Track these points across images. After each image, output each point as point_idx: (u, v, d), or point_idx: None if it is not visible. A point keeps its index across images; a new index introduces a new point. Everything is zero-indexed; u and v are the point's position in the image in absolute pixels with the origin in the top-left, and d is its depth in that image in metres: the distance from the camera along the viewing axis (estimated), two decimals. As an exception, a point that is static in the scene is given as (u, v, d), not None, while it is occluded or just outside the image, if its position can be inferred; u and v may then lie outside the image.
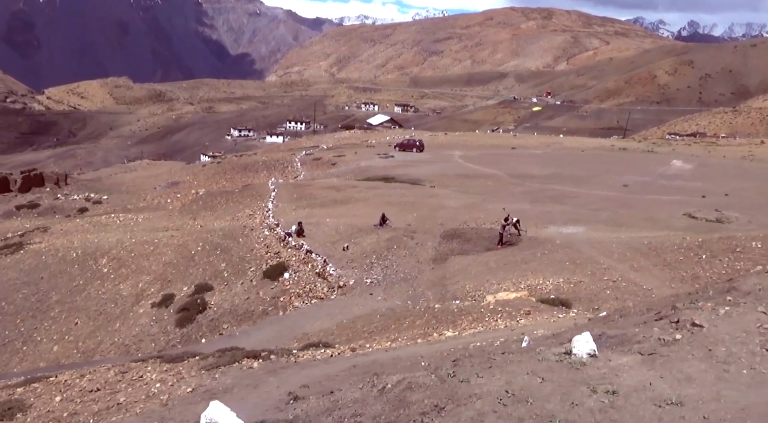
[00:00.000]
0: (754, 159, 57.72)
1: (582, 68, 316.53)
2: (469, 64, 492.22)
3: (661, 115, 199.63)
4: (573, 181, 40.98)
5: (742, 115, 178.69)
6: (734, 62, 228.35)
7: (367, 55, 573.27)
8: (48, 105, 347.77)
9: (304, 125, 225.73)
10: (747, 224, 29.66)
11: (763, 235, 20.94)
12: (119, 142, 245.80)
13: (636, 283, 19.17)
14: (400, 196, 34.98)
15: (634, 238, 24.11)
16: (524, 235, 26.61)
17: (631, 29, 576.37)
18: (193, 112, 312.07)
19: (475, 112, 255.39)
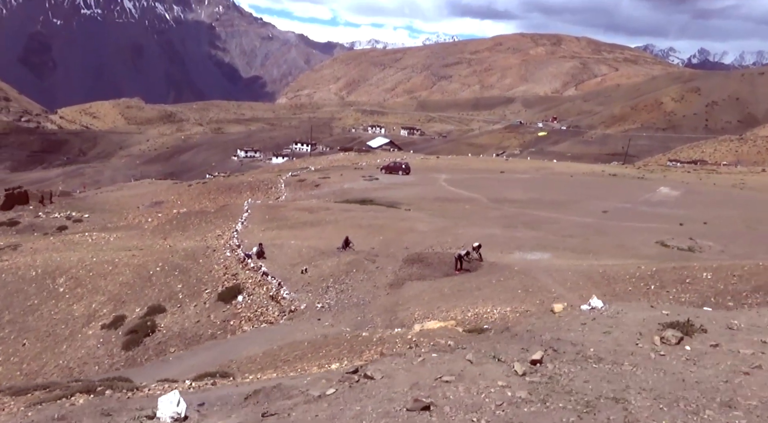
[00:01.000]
0: (745, 187, 56.85)
1: (589, 94, 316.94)
2: (478, 88, 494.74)
3: (667, 142, 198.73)
4: (553, 207, 40.38)
5: (749, 143, 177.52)
6: (742, 90, 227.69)
7: (376, 78, 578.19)
8: (61, 124, 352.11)
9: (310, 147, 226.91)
10: (719, 253, 28.98)
11: (717, 266, 20.23)
12: (128, 162, 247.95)
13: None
14: (372, 218, 34.52)
15: (594, 266, 23.44)
16: (486, 261, 26.07)
17: (640, 56, 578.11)
18: (202, 132, 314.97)
19: (480, 136, 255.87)
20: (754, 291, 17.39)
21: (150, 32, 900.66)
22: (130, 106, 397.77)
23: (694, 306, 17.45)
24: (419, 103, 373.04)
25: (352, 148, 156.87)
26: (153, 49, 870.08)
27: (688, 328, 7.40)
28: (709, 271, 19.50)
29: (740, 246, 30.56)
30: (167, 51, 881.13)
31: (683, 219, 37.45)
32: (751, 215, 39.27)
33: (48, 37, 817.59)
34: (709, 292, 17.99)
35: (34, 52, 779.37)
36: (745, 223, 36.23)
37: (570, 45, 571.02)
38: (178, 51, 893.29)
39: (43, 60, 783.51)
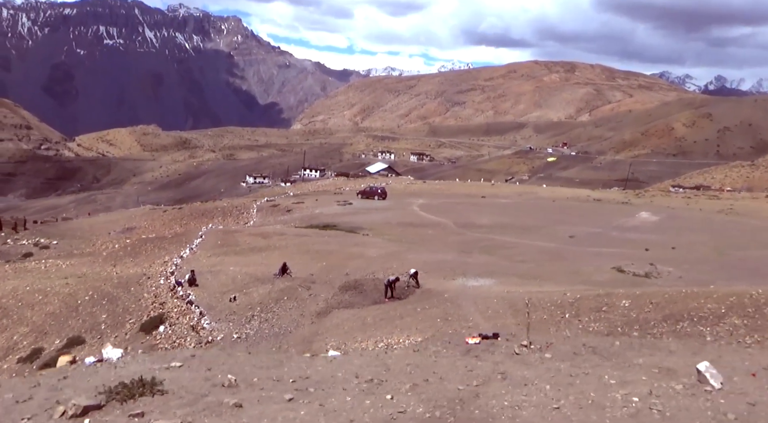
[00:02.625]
0: (731, 212, 54.98)
1: (600, 120, 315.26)
2: (492, 114, 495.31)
3: (677, 168, 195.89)
4: (519, 232, 39.13)
5: (760, 169, 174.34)
6: (754, 116, 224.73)
7: (390, 105, 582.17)
8: (78, 152, 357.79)
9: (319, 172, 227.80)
10: (676, 279, 27.59)
11: (639, 293, 18.87)
12: (140, 188, 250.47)
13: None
14: (323, 244, 33.55)
15: (527, 293, 22.13)
16: (423, 288, 25.00)
17: (655, 83, 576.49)
18: (214, 159, 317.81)
19: (490, 161, 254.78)
20: (663, 320, 16.02)
21: (170, 61, 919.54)
22: (146, 133, 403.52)
23: (601, 335, 16.12)
24: (430, 128, 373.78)
25: (349, 173, 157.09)
26: (172, 77, 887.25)
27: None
28: (628, 298, 18.14)
29: (701, 272, 29.09)
30: (186, 79, 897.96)
31: (652, 244, 35.99)
32: (725, 241, 37.66)
33: (71, 66, 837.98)
34: (620, 321, 16.66)
35: (58, 81, 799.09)
36: (716, 249, 34.65)
37: (584, 72, 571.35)
38: (196, 79, 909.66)
39: (66, 89, 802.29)
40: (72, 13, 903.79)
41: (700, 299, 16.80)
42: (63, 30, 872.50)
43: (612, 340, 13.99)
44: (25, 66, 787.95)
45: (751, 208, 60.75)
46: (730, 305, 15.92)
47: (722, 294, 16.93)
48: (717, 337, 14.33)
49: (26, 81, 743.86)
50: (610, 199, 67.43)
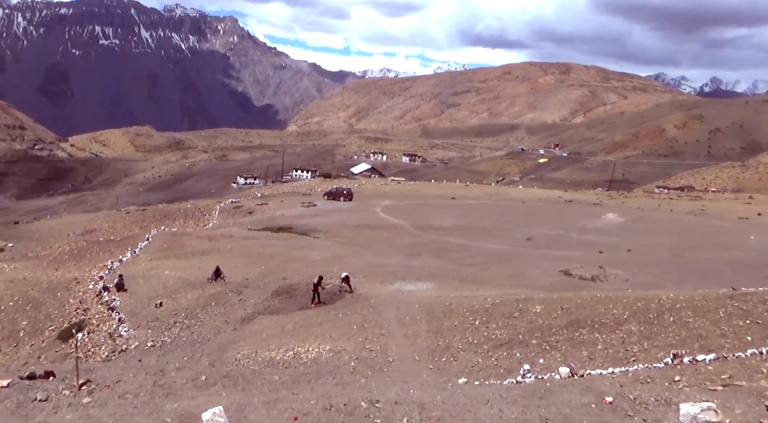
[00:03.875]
0: (701, 214, 54.27)
1: (592, 121, 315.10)
2: (486, 116, 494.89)
3: (668, 169, 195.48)
4: (477, 234, 38.32)
5: (750, 170, 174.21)
6: (745, 117, 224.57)
7: (385, 106, 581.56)
8: (71, 152, 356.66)
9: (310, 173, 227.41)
10: (622, 283, 26.90)
11: (557, 297, 18.10)
12: (131, 189, 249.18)
13: (384, 354, 16.50)
14: (270, 246, 32.71)
15: (451, 298, 21.35)
16: (356, 292, 24.23)
17: (650, 85, 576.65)
18: (207, 160, 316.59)
19: (481, 162, 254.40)
20: (565, 327, 15.25)
21: (166, 62, 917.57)
22: (140, 134, 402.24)
23: (501, 344, 15.35)
24: (423, 130, 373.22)
25: (331, 174, 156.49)
26: (168, 78, 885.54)
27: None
28: (542, 304, 17.37)
29: (650, 275, 28.36)
30: (182, 80, 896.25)
31: (610, 246, 35.23)
32: (685, 243, 36.92)
33: (66, 67, 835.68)
34: (525, 327, 15.88)
35: (53, 81, 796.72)
36: (672, 251, 33.90)
37: (579, 73, 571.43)
38: (192, 80, 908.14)
39: (61, 89, 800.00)
40: (68, 12, 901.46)
41: (609, 304, 16.02)
42: (58, 30, 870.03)
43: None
44: (20, 66, 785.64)
45: (724, 209, 60.08)
46: (634, 311, 15.14)
47: (632, 299, 16.15)
48: (608, 345, 13.55)
49: (21, 81, 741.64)
50: (582, 200, 66.64)
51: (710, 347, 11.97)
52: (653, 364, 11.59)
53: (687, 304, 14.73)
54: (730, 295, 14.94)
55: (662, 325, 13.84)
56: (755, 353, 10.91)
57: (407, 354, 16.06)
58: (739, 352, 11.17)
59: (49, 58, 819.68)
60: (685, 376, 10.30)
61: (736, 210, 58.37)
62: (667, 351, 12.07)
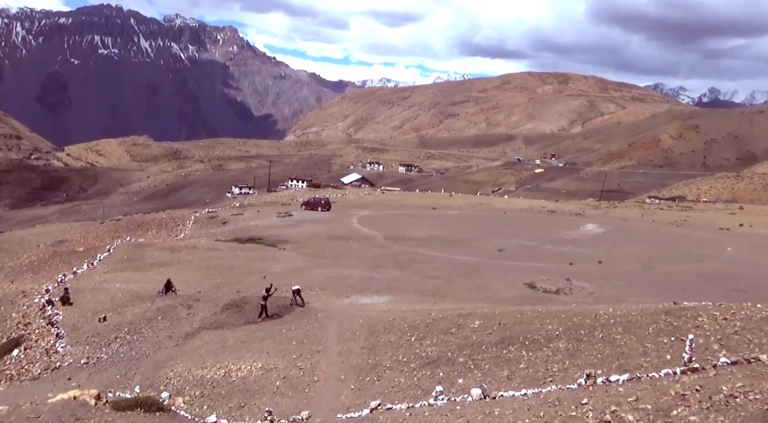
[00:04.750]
0: (684, 225, 53.49)
1: (589, 131, 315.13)
2: (485, 126, 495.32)
3: (664, 179, 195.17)
4: (449, 245, 37.57)
5: (745, 180, 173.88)
6: (740, 127, 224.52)
7: (384, 116, 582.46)
8: (66, 162, 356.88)
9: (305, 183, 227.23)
10: (586, 296, 26.15)
11: (499, 311, 17.33)
12: (126, 199, 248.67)
13: (312, 372, 15.74)
14: (232, 258, 31.96)
15: (403, 312, 20.60)
16: (309, 306, 23.50)
17: (648, 95, 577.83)
18: (203, 169, 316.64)
19: (478, 172, 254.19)
20: (496, 343, 14.49)
21: (165, 71, 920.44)
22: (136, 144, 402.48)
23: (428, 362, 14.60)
24: (420, 140, 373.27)
25: (320, 183, 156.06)
26: (167, 87, 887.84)
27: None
28: (482, 319, 16.60)
29: (616, 287, 27.63)
30: (181, 89, 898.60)
31: (583, 258, 34.50)
32: (659, 254, 36.15)
33: (65, 76, 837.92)
34: (457, 344, 15.14)
35: (51, 90, 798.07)
36: (644, 263, 33.13)
37: (577, 83, 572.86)
38: (191, 89, 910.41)
39: (59, 99, 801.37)
40: (67, 22, 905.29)
41: (546, 320, 15.26)
42: (57, 39, 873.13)
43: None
44: (18, 76, 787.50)
45: (707, 219, 59.32)
46: (568, 327, 14.39)
47: (571, 314, 15.39)
48: (530, 364, 12.79)
49: (19, 91, 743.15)
50: (565, 210, 65.83)
51: (628, 367, 11.22)
52: (566, 386, 10.84)
53: (621, 320, 13.97)
54: (667, 310, 14.17)
55: (590, 342, 13.07)
56: (668, 374, 10.16)
57: (334, 372, 15.30)
58: (654, 372, 10.42)
59: (47, 68, 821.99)
60: (593, 399, 9.56)
61: (720, 220, 57.61)
62: (588, 370, 11.31)
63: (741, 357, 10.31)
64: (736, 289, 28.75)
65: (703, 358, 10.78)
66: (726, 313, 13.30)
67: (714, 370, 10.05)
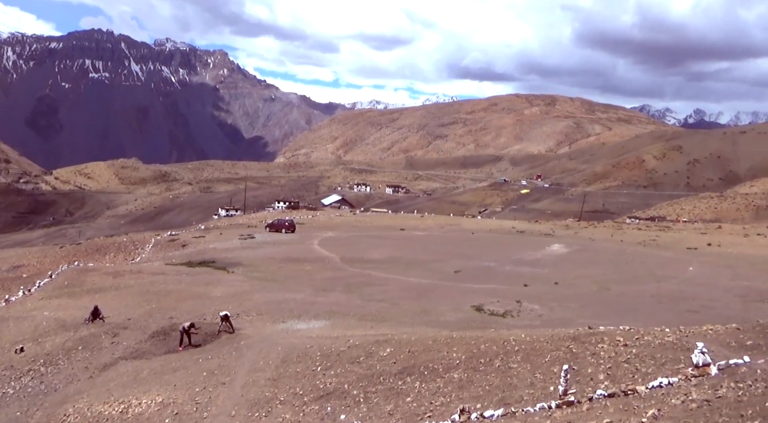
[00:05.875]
0: (651, 245, 53.08)
1: (574, 152, 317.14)
2: (473, 147, 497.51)
3: (648, 199, 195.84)
4: (405, 267, 36.92)
5: (728, 200, 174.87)
6: (723, 148, 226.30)
7: (373, 138, 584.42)
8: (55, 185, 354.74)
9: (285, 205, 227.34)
10: (535, 318, 25.53)
11: (415, 338, 16.64)
12: (113, 222, 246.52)
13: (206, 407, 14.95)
14: (175, 282, 31.15)
15: (330, 338, 19.85)
16: (239, 332, 22.68)
17: (634, 116, 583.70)
18: (190, 191, 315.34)
19: (464, 193, 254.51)
20: (397, 373, 13.80)
21: (155, 94, 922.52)
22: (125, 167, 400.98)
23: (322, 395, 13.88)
24: (408, 161, 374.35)
25: (299, 205, 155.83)
26: (158, 110, 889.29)
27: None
28: (393, 346, 15.91)
29: (567, 309, 27.03)
30: (171, 112, 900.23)
31: (539, 279, 33.94)
32: (618, 275, 35.63)
33: (56, 100, 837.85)
34: (357, 375, 14.43)
35: (42, 114, 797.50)
36: (601, 284, 32.57)
37: (564, 105, 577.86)
38: (182, 112, 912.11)
39: (50, 122, 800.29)
40: (58, 46, 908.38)
41: (455, 346, 14.62)
42: (48, 63, 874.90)
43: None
44: (8, 99, 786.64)
45: (677, 239, 59.02)
46: (473, 355, 13.74)
47: (482, 339, 14.76)
48: (417, 397, 12.11)
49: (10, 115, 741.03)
50: (535, 231, 65.42)
51: (509, 400, 10.57)
52: (440, 422, 10.19)
53: (526, 347, 13.35)
54: (574, 335, 13.57)
55: (486, 372, 12.42)
56: (544, 408, 9.53)
57: (228, 408, 14.52)
58: (530, 406, 9.78)
59: (38, 92, 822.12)
60: (458, 437, 8.92)
61: (690, 240, 57.32)
62: (470, 403, 10.66)
63: (619, 389, 9.70)
64: (689, 310, 28.23)
65: (584, 389, 10.17)
66: (630, 338, 12.73)
67: (589, 403, 9.45)
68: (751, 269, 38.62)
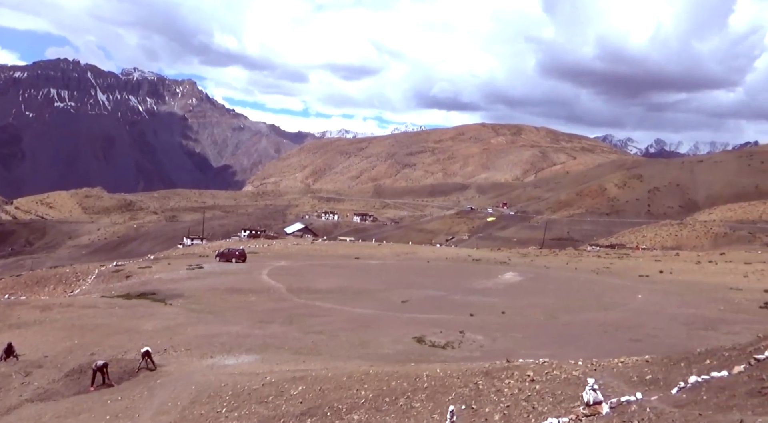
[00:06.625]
0: (605, 272, 53.35)
1: (540, 181, 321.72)
2: (441, 176, 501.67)
3: (611, 227, 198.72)
4: (351, 297, 36.15)
5: (688, 227, 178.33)
6: (682, 177, 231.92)
7: (342, 166, 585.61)
8: (15, 214, 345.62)
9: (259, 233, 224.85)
10: (476, 349, 24.89)
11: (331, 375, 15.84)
12: (74, 252, 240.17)
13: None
14: (105, 316, 29.82)
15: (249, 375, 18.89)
16: (161, 369, 21.51)
17: (597, 146, 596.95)
18: (156, 221, 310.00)
19: (432, 222, 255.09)
20: (299, 416, 13.02)
21: (122, 123, 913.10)
22: (89, 196, 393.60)
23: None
24: (376, 189, 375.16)
25: (261, 233, 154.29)
26: (124, 139, 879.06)
27: None
28: (306, 384, 15.11)
29: (511, 340, 26.49)
30: (138, 141, 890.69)
31: (487, 308, 33.50)
32: (567, 303, 35.40)
33: (19, 128, 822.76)
34: (259, 417, 13.67)
35: (4, 143, 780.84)
36: (549, 313, 32.27)
37: (530, 135, 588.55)
38: (149, 141, 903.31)
39: (12, 151, 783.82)
40: (23, 76, 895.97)
41: (366, 384, 13.90)
42: (12, 92, 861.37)
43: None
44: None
45: (631, 266, 59.44)
46: (381, 392, 13.04)
47: (396, 375, 14.08)
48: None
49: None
50: (491, 258, 65.40)
51: (398, 444, 9.90)
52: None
53: (436, 383, 12.71)
54: (487, 370, 13.00)
55: (387, 411, 11.70)
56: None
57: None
58: (415, 451, 9.13)
59: (0, 120, 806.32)
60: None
61: (643, 268, 57.78)
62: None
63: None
64: (633, 339, 27.95)
65: (475, 431, 9.54)
66: (540, 372, 12.20)
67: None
68: (699, 296, 38.78)
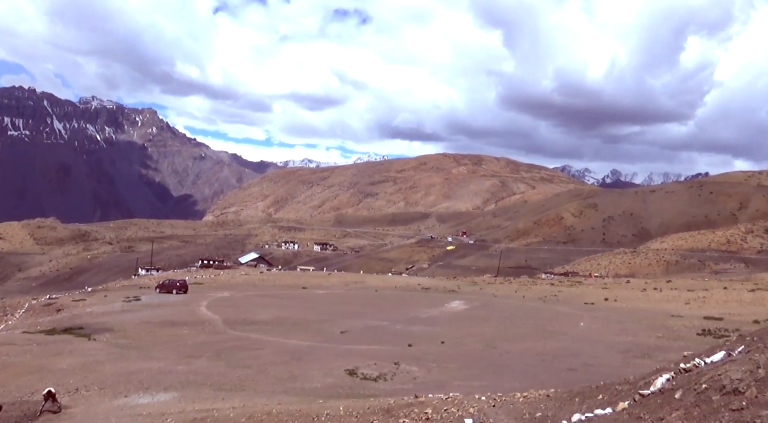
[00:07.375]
0: (551, 300, 53.69)
1: (499, 209, 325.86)
2: (403, 205, 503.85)
3: (567, 255, 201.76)
4: (288, 328, 35.31)
5: (641, 255, 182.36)
6: (635, 206, 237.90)
7: (304, 196, 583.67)
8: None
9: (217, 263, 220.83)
10: (409, 381, 24.24)
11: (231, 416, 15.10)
12: (23, 284, 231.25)
13: None
14: (19, 353, 28.22)
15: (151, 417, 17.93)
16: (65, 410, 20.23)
17: (556, 176, 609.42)
18: (110, 251, 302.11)
19: (392, 250, 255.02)
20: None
21: (79, 152, 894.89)
22: (41, 226, 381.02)
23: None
24: (337, 218, 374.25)
25: (214, 263, 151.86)
26: (81, 169, 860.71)
27: None
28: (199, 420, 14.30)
29: (446, 370, 25.98)
30: (96, 171, 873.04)
31: (427, 338, 33.07)
32: (508, 332, 35.26)
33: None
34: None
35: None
36: (488, 342, 32.01)
37: (490, 165, 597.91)
38: (107, 171, 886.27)
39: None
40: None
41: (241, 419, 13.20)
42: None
43: None
44: None
45: (578, 294, 60.01)
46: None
47: (300, 414, 13.43)
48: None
49: None
50: (440, 287, 65.32)
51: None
52: None
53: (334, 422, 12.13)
54: (388, 407, 12.48)
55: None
56: None
57: None
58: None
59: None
60: None
61: (590, 295, 58.35)
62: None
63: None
64: (569, 368, 27.79)
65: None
66: (438, 409, 11.73)
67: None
68: (639, 324, 39.09)
